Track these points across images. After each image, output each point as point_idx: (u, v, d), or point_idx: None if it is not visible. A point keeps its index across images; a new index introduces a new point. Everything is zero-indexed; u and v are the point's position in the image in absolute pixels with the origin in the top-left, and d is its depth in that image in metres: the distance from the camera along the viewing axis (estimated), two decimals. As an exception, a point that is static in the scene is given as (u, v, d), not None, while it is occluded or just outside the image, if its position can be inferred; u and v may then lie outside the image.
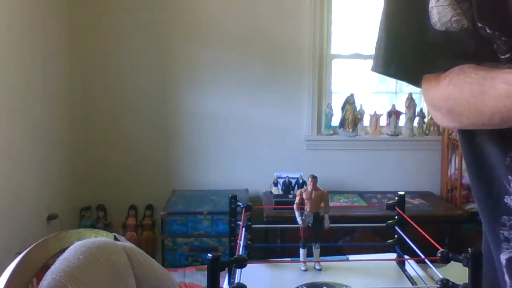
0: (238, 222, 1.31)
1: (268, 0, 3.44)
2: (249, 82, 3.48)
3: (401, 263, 1.29)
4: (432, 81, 0.75)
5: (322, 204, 1.27)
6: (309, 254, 1.27)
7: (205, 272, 0.82)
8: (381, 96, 3.78)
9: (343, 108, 3.50)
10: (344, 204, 3.24)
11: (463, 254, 0.86)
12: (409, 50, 0.76)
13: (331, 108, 3.50)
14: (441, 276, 0.92)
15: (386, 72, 0.80)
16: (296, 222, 1.28)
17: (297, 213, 1.27)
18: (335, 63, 3.57)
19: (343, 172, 3.55)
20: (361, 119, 3.53)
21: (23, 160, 2.73)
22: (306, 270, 1.27)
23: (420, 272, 1.22)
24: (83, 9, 3.38)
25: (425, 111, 3.59)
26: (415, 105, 3.52)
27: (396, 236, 1.30)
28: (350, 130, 3.48)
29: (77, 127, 3.42)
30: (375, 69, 0.81)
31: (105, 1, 3.40)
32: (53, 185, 3.10)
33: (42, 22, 2.99)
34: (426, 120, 3.58)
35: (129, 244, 1.23)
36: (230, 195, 1.36)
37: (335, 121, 3.53)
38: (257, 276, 1.22)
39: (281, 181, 3.30)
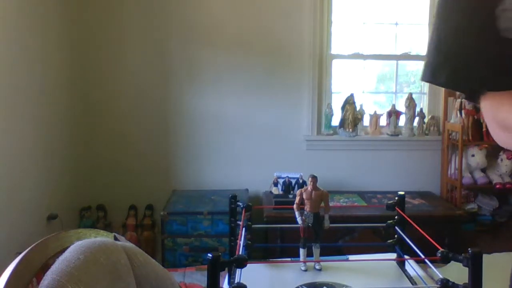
0: (238, 222, 1.31)
1: (268, 0, 3.44)
2: (249, 82, 3.48)
3: (401, 263, 1.28)
4: (505, 98, 0.62)
5: (322, 204, 1.27)
6: (309, 254, 1.27)
7: (205, 272, 0.82)
8: (381, 96, 3.78)
9: (343, 108, 3.50)
10: (344, 204, 3.24)
11: (463, 254, 0.86)
12: (465, 59, 0.64)
13: (331, 108, 3.50)
14: (441, 276, 0.92)
15: (434, 81, 0.69)
16: (296, 222, 1.27)
17: (297, 213, 1.27)
18: (335, 63, 3.57)
19: (343, 172, 3.55)
20: (361, 119, 3.53)
21: (23, 160, 2.73)
22: (306, 270, 1.27)
23: (420, 272, 1.22)
24: (83, 10, 3.38)
25: (425, 111, 3.59)
26: (415, 105, 3.52)
27: (396, 236, 1.29)
28: (350, 130, 3.48)
29: (77, 127, 3.42)
30: (423, 77, 0.70)
31: (106, 2, 3.40)
32: (53, 185, 3.10)
33: (42, 23, 2.99)
34: (426, 120, 3.58)
35: (129, 244, 1.23)
36: (230, 195, 1.36)
37: (335, 121, 3.53)
38: (257, 276, 1.22)
39: (281, 181, 3.30)
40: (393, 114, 3.54)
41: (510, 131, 0.64)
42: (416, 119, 3.56)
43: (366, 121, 3.58)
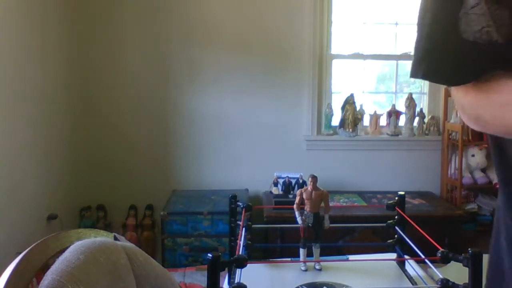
0: (238, 222, 1.31)
1: (268, 0, 3.44)
2: (249, 82, 3.48)
3: (401, 263, 1.28)
4: (461, 86, 0.71)
5: (322, 204, 1.27)
6: (309, 254, 1.27)
7: (205, 272, 0.82)
8: (381, 96, 3.78)
9: (343, 108, 3.50)
10: (344, 204, 3.24)
11: (463, 254, 0.86)
12: (436, 56, 0.70)
13: (331, 108, 3.50)
14: (441, 276, 0.92)
15: (415, 76, 0.75)
16: (296, 222, 1.27)
17: (297, 213, 1.27)
18: (335, 63, 3.57)
19: (343, 172, 3.55)
20: (361, 119, 3.53)
21: (23, 160, 2.73)
22: (306, 270, 1.27)
23: (420, 272, 1.22)
24: (83, 10, 3.38)
25: (425, 111, 3.59)
26: (415, 105, 3.52)
27: (396, 236, 1.29)
28: (350, 130, 3.48)
29: (77, 127, 3.42)
30: (411, 74, 0.76)
31: (106, 2, 3.40)
32: (53, 185, 3.10)
33: (42, 23, 2.99)
34: (426, 120, 3.58)
35: (129, 244, 1.23)
36: (230, 195, 1.36)
37: (335, 121, 3.53)
38: (257, 276, 1.22)
39: (281, 181, 3.30)
40: (393, 114, 3.54)
41: (467, 115, 0.73)
42: (416, 119, 3.56)
43: (366, 121, 3.58)
